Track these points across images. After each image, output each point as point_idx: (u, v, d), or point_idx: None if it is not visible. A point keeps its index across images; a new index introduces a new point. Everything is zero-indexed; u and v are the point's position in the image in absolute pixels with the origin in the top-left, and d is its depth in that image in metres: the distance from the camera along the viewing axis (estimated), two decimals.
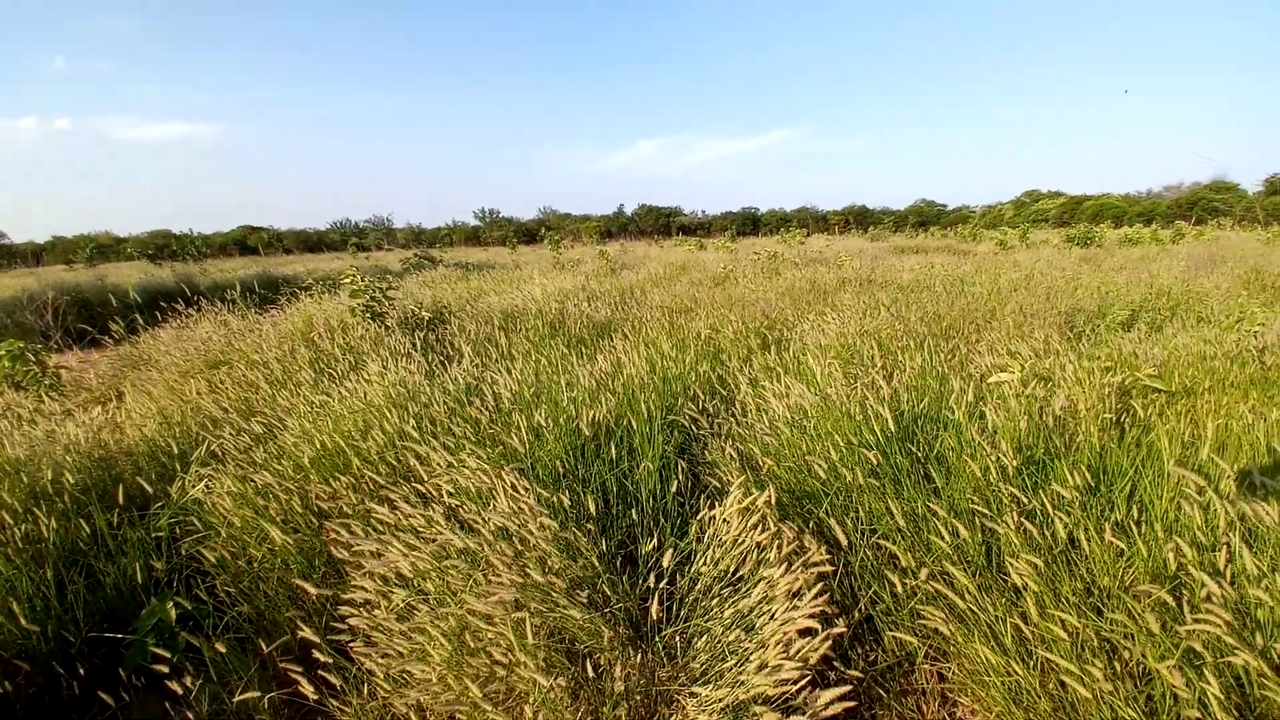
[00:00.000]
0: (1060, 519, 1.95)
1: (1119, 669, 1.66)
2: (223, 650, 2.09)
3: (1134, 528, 1.98)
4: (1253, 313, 4.97)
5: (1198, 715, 1.48)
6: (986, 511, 2.14)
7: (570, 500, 2.43)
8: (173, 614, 2.47)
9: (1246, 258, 11.51)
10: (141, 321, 6.50)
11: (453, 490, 2.51)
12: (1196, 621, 1.53)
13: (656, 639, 2.03)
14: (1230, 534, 1.80)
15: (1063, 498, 2.09)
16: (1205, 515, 1.90)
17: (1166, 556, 1.78)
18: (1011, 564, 1.89)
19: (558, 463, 2.74)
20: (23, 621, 2.31)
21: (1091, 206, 62.14)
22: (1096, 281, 8.07)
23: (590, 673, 1.81)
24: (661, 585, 2.07)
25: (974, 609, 1.91)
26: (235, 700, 2.05)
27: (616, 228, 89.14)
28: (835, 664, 2.05)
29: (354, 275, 5.86)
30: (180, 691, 1.97)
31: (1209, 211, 52.58)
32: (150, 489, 2.99)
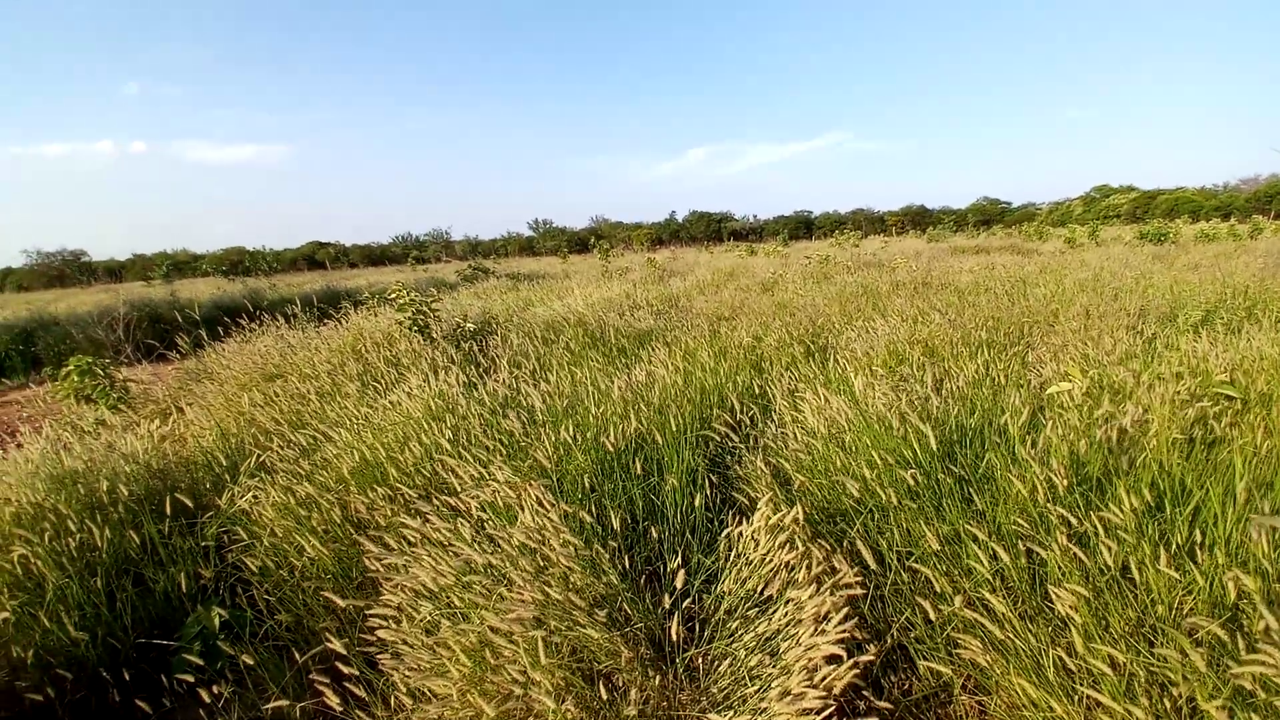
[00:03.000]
0: (1109, 545, 1.82)
1: (1168, 707, 1.52)
2: (250, 662, 2.12)
3: (1196, 552, 1.83)
4: None
5: None
6: (1032, 534, 2.02)
7: (595, 516, 2.41)
8: (216, 622, 2.55)
9: None
10: (208, 336, 6.81)
11: (481, 505, 2.52)
12: (1250, 660, 1.39)
13: (678, 660, 1.98)
14: None
15: (1117, 521, 1.95)
16: (1273, 540, 1.74)
17: (1226, 585, 1.64)
18: (1057, 593, 1.77)
19: (585, 477, 2.72)
20: (71, 630, 2.41)
21: (1166, 201, 58.94)
22: (1168, 280, 7.60)
23: (604, 694, 1.78)
24: (685, 604, 2.02)
25: (1014, 639, 1.80)
26: (268, 709, 2.11)
27: (667, 234, 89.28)
28: (866, 693, 1.96)
29: (399, 290, 5.99)
30: (216, 699, 2.03)
31: None
32: (202, 500, 3.11)
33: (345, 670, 1.99)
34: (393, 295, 6.25)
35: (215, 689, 2.04)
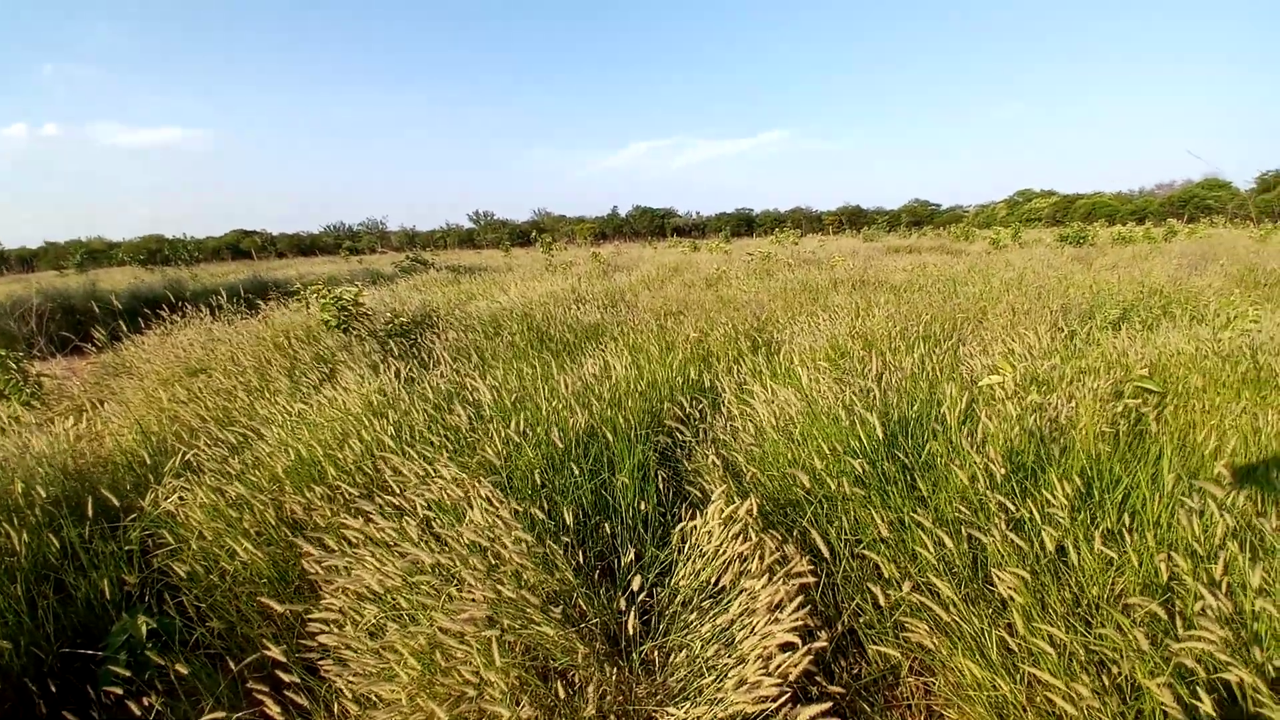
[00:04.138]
0: (1048, 531, 1.90)
1: (1107, 684, 1.60)
2: (184, 671, 2.01)
3: (1126, 536, 1.93)
4: (1244, 311, 4.94)
5: None
6: (974, 520, 2.09)
7: (547, 512, 2.37)
8: (143, 630, 2.40)
9: (1239, 255, 11.50)
10: (126, 328, 6.40)
11: (427, 504, 2.44)
12: (1190, 637, 1.48)
13: (634, 654, 1.97)
14: (1230, 543, 1.75)
15: (1052, 506, 2.04)
16: (1201, 523, 1.85)
17: (1158, 566, 1.73)
18: (998, 576, 1.84)
19: (536, 473, 2.68)
20: None
21: (1084, 205, 62.37)
22: (1088, 280, 8.04)
23: (561, 693, 1.75)
24: (640, 598, 2.01)
25: (958, 621, 1.86)
26: None
27: (611, 229, 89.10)
28: (818, 679, 2.00)
29: (318, 287, 5.79)
30: (146, 711, 1.90)
31: (1201, 209, 52.85)
32: (124, 501, 2.92)
33: (286, 678, 1.89)
34: (310, 294, 6.00)
35: (146, 700, 1.92)
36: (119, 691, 1.95)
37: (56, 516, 2.77)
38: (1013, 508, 2.09)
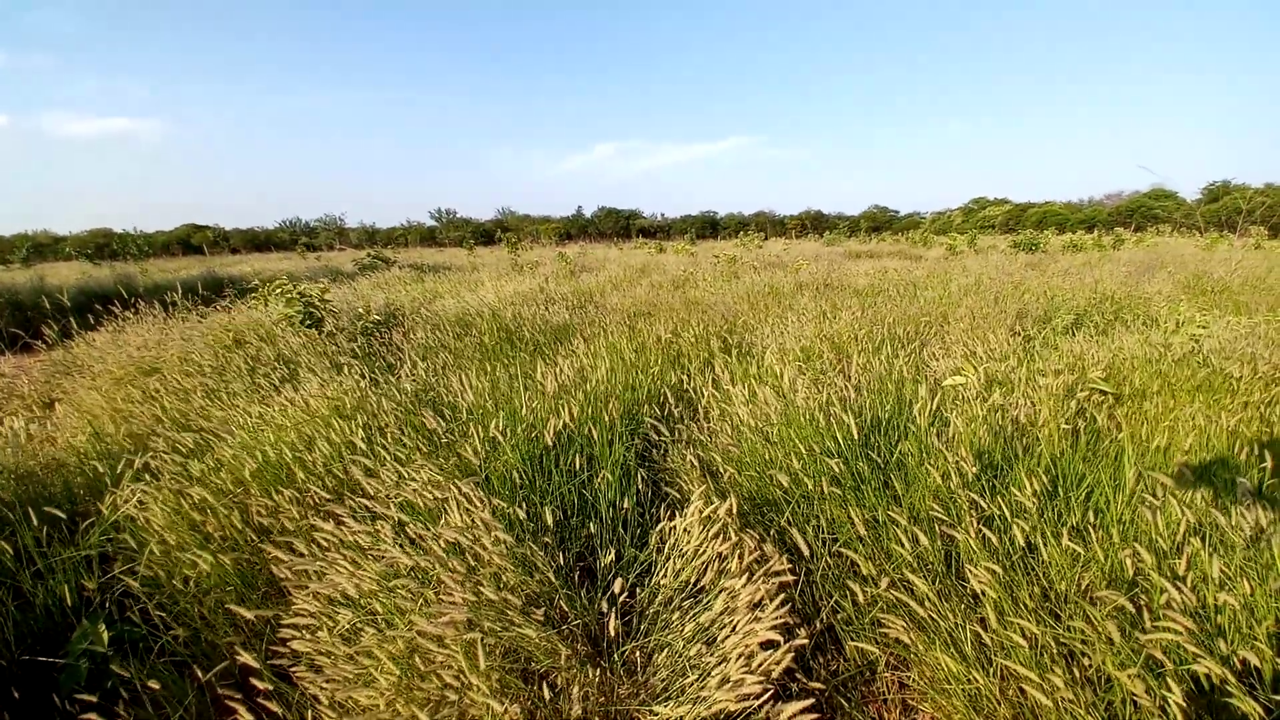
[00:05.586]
0: (1019, 526, 1.96)
1: (1079, 675, 1.66)
2: (156, 686, 1.94)
3: (1091, 532, 2.00)
4: (1192, 316, 5.16)
5: None
6: (946, 518, 2.14)
7: (527, 513, 2.36)
8: (105, 637, 2.31)
9: (1186, 263, 11.96)
10: (77, 325, 6.17)
11: (402, 505, 2.41)
12: (1157, 629, 1.54)
13: (616, 655, 1.97)
14: (1192, 539, 1.83)
15: (1021, 503, 2.10)
16: (1164, 518, 1.93)
17: (1123, 561, 1.80)
18: (971, 571, 1.89)
19: (515, 474, 2.66)
20: None
21: (1036, 214, 64.40)
22: (1042, 286, 8.29)
23: (546, 694, 1.74)
24: (621, 599, 2.01)
25: (934, 616, 1.90)
26: None
27: (576, 230, 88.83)
28: (798, 675, 2.02)
29: (284, 284, 5.65)
30: None
31: (1149, 218, 54.91)
32: (80, 505, 2.82)
33: (259, 685, 1.84)
34: (275, 289, 5.84)
35: (112, 709, 1.86)
36: (93, 699, 1.87)
37: (11, 521, 2.65)
38: (984, 505, 2.15)
